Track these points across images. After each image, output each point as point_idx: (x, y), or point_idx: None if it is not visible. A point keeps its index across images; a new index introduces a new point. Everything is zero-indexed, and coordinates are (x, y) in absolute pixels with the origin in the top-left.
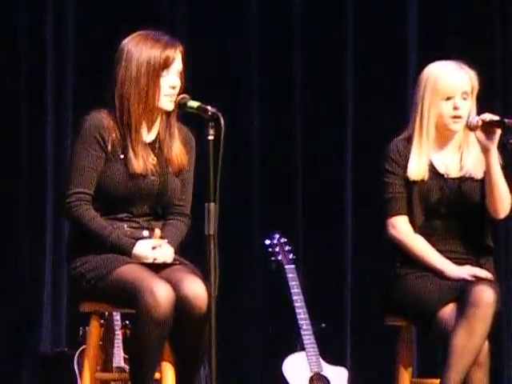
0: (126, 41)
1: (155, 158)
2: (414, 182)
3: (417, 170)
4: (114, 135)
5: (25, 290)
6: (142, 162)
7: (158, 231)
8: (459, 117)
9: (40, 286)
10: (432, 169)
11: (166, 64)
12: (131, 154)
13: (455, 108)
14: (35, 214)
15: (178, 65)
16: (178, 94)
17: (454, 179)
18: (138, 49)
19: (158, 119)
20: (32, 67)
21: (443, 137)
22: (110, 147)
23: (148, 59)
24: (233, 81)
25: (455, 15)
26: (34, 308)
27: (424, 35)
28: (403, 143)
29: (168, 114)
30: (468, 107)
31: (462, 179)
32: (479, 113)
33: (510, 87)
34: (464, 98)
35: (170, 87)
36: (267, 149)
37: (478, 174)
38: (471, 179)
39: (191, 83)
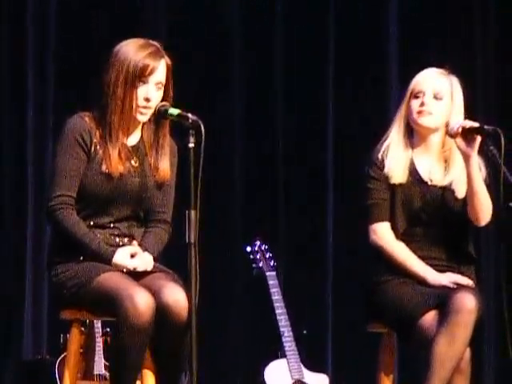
0: (118, 46)
1: (137, 161)
2: (397, 186)
3: (395, 170)
4: (95, 137)
5: (5, 297)
6: (121, 163)
7: (135, 242)
8: (423, 111)
9: (21, 293)
10: (416, 175)
11: (143, 73)
12: (111, 155)
13: (421, 104)
14: (16, 221)
15: (158, 76)
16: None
17: (436, 187)
18: (122, 54)
19: (140, 125)
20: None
21: (420, 136)
22: (91, 149)
23: (127, 67)
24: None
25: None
26: (15, 315)
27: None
28: (387, 149)
29: (157, 122)
30: (441, 108)
31: (445, 188)
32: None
33: (491, 91)
34: (436, 98)
35: (144, 99)
36: (248, 152)
37: (460, 194)
38: (453, 191)
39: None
